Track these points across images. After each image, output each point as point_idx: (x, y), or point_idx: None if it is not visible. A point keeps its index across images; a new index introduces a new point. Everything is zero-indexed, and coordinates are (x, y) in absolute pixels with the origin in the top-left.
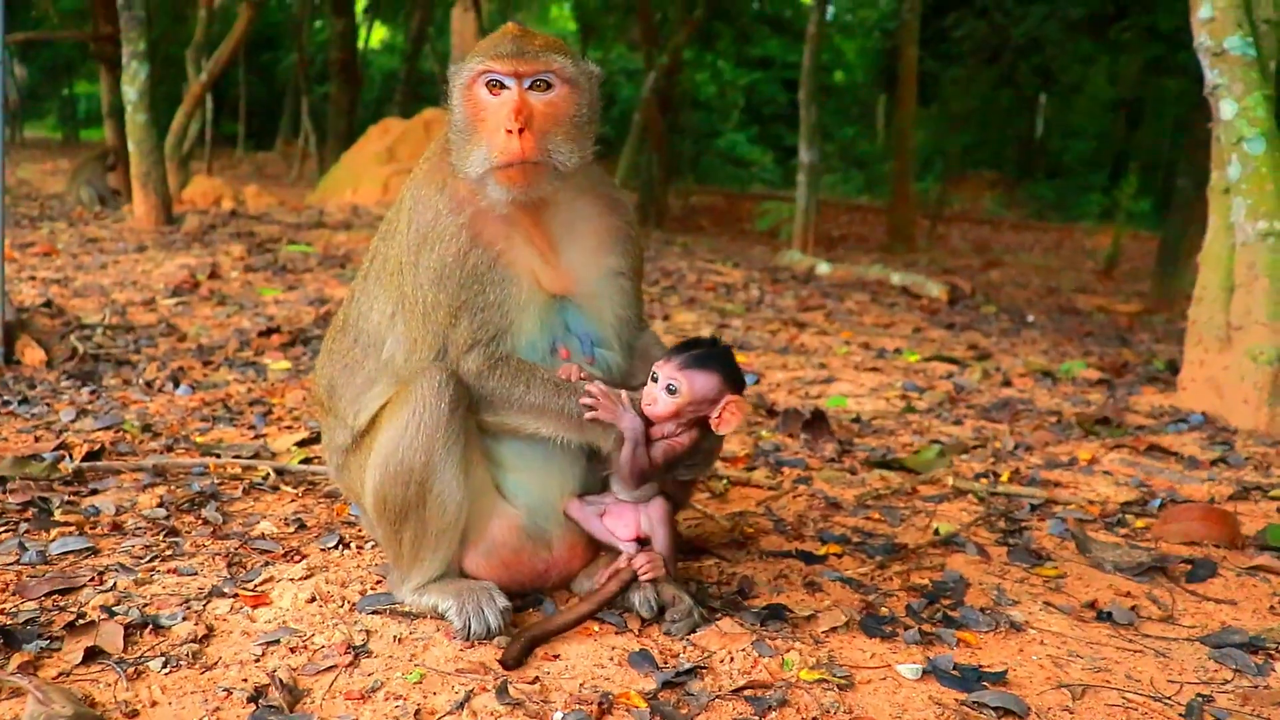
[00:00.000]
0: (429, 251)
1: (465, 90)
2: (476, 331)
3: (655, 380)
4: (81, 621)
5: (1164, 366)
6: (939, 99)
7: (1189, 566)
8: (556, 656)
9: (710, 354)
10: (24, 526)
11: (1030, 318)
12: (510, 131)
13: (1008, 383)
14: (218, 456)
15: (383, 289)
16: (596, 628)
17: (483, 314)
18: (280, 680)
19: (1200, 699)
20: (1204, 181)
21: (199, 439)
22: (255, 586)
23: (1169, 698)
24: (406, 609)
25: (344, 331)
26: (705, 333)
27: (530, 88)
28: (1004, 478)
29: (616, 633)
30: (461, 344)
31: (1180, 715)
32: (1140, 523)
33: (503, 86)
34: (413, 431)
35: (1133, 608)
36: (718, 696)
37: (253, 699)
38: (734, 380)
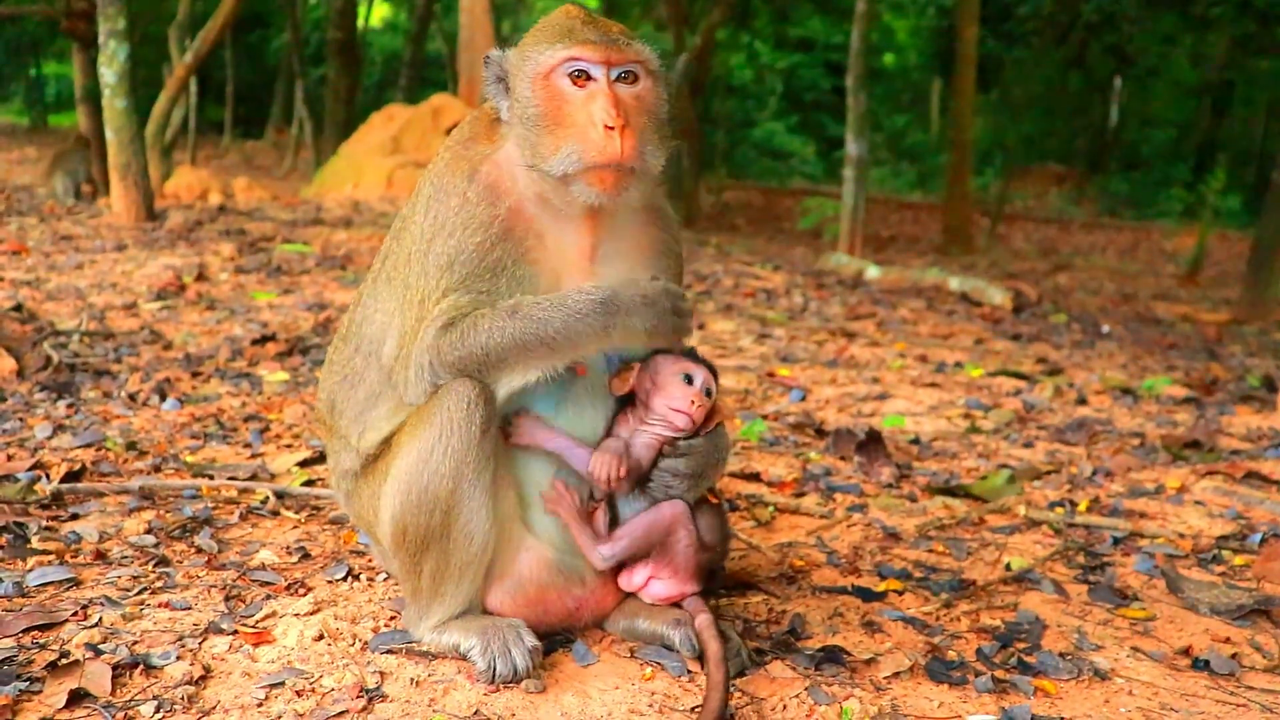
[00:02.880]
0: (446, 239)
1: (542, 79)
2: (459, 307)
3: (691, 381)
4: (65, 661)
5: (1259, 383)
6: (1001, 84)
7: None
8: (589, 701)
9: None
10: None
11: (1105, 328)
12: (610, 129)
13: (1083, 401)
14: (210, 478)
15: (390, 288)
16: (638, 668)
17: (479, 296)
18: None
19: None
20: None
21: (189, 458)
22: (256, 622)
23: None
24: (424, 648)
25: (345, 340)
26: (746, 342)
27: (618, 79)
28: (1082, 507)
29: (654, 675)
30: (435, 322)
31: None
32: (1239, 559)
33: (589, 78)
34: (439, 455)
35: (1233, 655)
36: None
37: None
38: None
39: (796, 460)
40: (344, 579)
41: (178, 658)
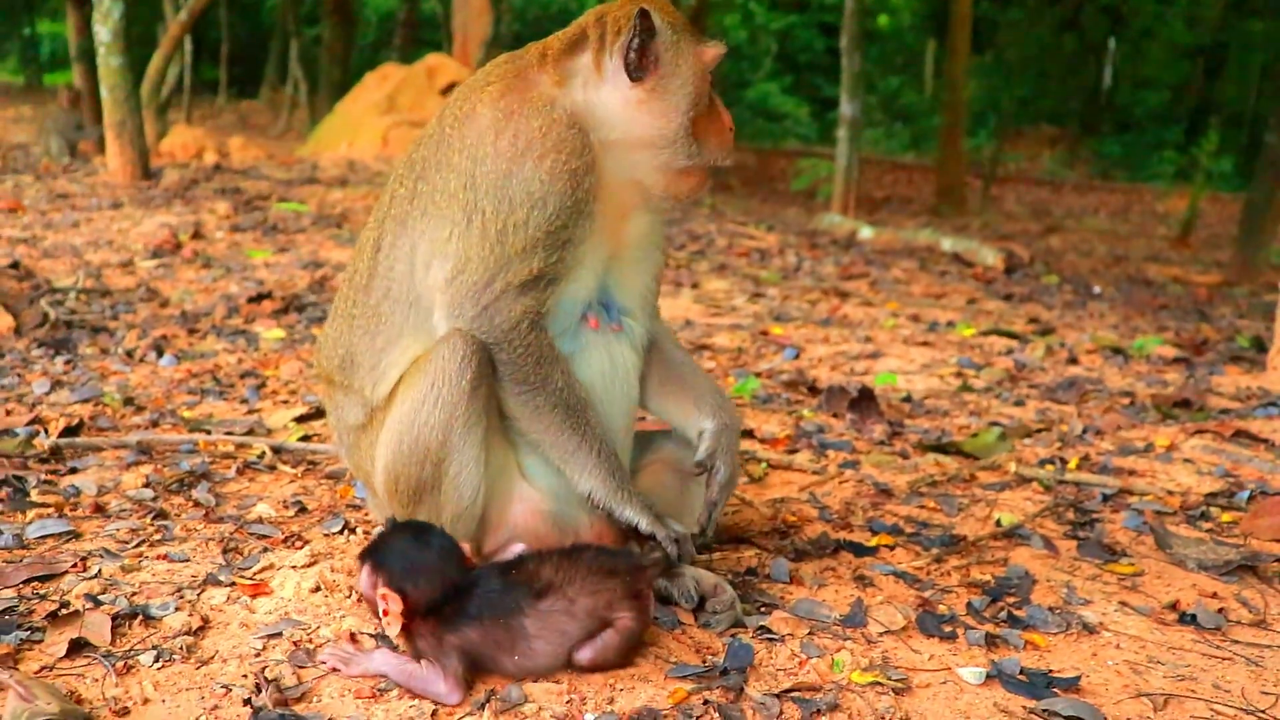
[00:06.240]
0: (536, 162)
1: (704, 73)
2: (545, 266)
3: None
4: (65, 611)
5: (1249, 343)
6: (994, 45)
7: None
8: None
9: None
10: None
11: (1097, 289)
12: (732, 130)
13: (1074, 360)
14: (208, 433)
15: (430, 224)
16: None
17: (560, 251)
18: (283, 676)
19: None
20: None
21: (186, 414)
22: (253, 574)
23: (1263, 710)
24: None
25: (367, 290)
26: (739, 301)
27: None
28: (1072, 464)
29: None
30: (518, 276)
31: None
32: (1226, 516)
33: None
34: (430, 406)
35: (1220, 610)
36: (762, 699)
37: (253, 696)
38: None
39: (789, 417)
40: (340, 532)
41: (176, 609)
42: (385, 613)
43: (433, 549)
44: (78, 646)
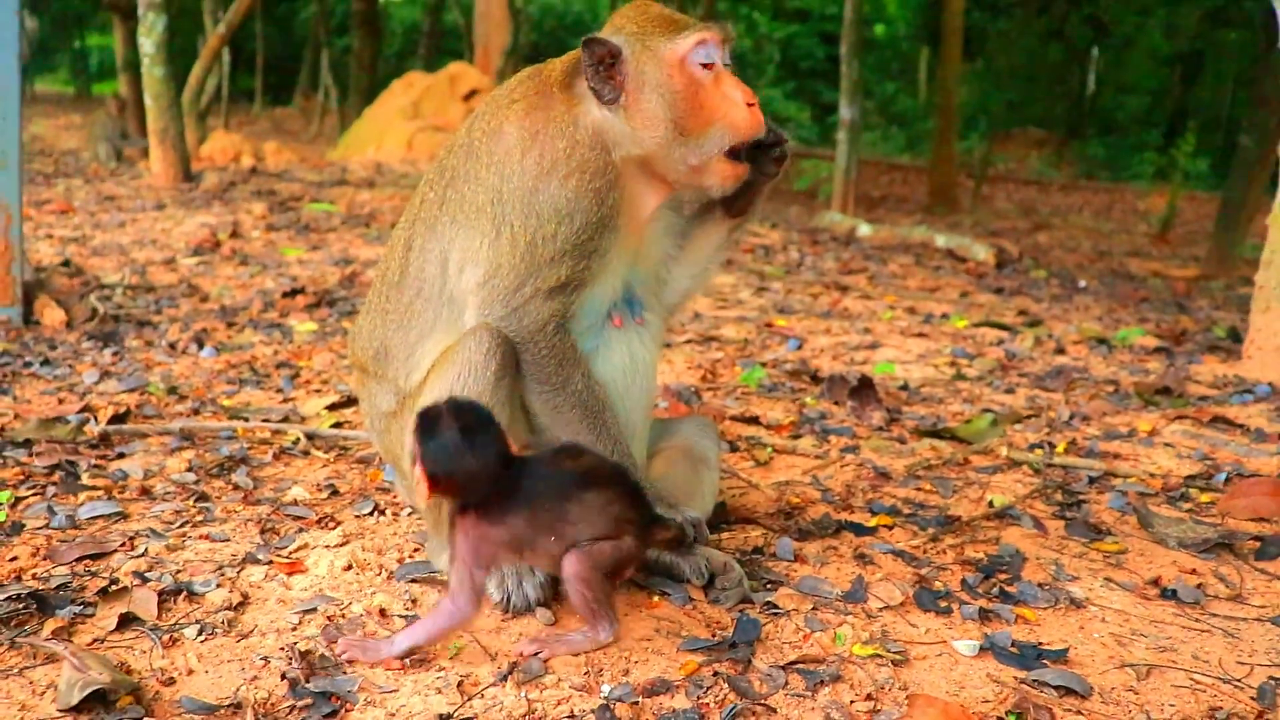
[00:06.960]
0: (562, 182)
1: (679, 66)
2: (572, 274)
3: None
4: (114, 587)
5: (1225, 334)
6: (985, 53)
7: (1258, 544)
8: None
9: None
10: (52, 490)
11: (1082, 283)
12: (752, 105)
13: (1061, 350)
14: (246, 420)
15: (459, 232)
16: (645, 596)
17: (587, 260)
18: (318, 649)
19: (1273, 681)
20: (1268, 138)
21: (226, 402)
22: (290, 553)
23: (1239, 680)
24: (446, 578)
25: (399, 288)
26: (745, 295)
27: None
28: (1060, 449)
29: (661, 603)
30: (547, 283)
31: (1252, 698)
32: (1205, 497)
33: (713, 63)
34: (457, 394)
35: (1199, 586)
36: (768, 671)
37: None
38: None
39: (793, 404)
40: (371, 514)
41: (218, 585)
42: (419, 480)
43: (477, 448)
44: (127, 621)
